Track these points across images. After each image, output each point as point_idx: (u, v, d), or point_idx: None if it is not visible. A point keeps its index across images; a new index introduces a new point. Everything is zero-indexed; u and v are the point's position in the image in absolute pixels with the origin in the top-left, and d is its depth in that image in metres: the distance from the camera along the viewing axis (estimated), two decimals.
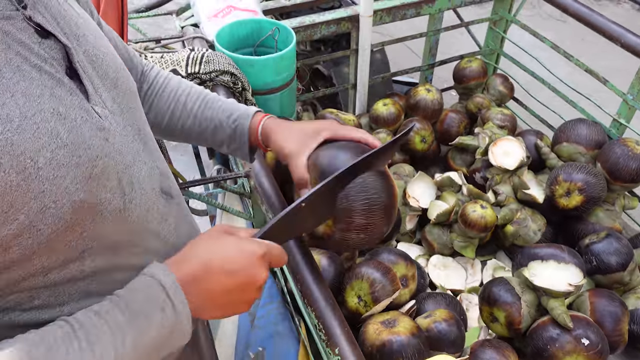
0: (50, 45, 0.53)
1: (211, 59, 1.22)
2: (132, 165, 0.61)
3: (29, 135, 0.47)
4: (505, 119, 1.55)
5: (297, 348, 1.11)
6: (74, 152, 0.51)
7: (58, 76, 0.53)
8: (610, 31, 1.35)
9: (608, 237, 1.20)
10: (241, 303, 0.63)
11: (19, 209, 0.47)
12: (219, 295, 0.60)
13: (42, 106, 0.49)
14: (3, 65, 0.48)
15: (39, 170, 0.48)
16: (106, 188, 0.56)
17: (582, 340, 0.96)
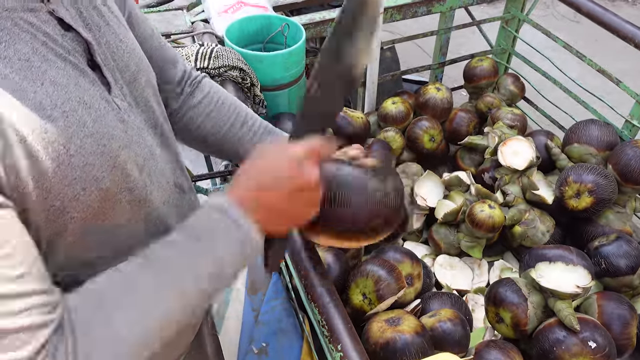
0: (72, 38, 0.54)
1: (220, 54, 1.22)
2: (149, 159, 0.63)
3: (60, 123, 0.49)
4: (515, 118, 1.53)
5: (301, 344, 1.11)
6: (99, 141, 0.53)
7: (81, 67, 0.54)
8: (624, 31, 1.33)
9: (618, 240, 1.18)
10: (304, 207, 0.62)
11: (55, 196, 0.49)
12: (277, 205, 0.59)
13: (69, 95, 0.51)
14: (31, 54, 0.49)
15: (71, 158, 0.49)
16: (129, 178, 0.58)
17: (589, 343, 0.95)
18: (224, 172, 1.19)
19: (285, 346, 1.10)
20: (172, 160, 0.70)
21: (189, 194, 0.75)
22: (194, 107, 0.85)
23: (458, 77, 1.90)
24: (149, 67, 0.68)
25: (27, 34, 0.49)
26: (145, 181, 0.61)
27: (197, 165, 2.51)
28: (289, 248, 0.85)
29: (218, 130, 0.86)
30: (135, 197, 0.59)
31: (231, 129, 0.86)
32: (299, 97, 0.79)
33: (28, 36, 0.49)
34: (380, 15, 1.48)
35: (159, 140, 0.66)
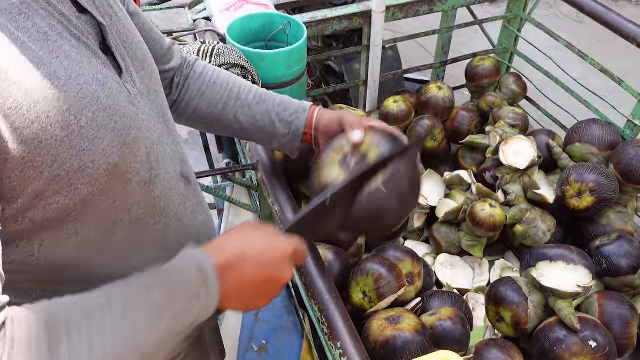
0: (86, 20, 0.56)
1: (222, 52, 1.23)
2: (158, 144, 0.64)
3: (74, 94, 0.49)
4: (517, 118, 1.53)
5: (301, 342, 1.11)
6: (111, 117, 0.53)
7: (94, 49, 0.55)
8: (627, 30, 1.33)
9: (619, 240, 1.18)
10: (263, 297, 0.63)
11: (61, 165, 0.49)
12: (247, 287, 0.59)
13: (83, 70, 0.51)
14: (48, 29, 0.50)
15: (82, 129, 0.50)
16: (137, 158, 0.58)
17: (590, 343, 0.95)
18: (224, 169, 1.19)
19: (285, 344, 1.10)
20: (177, 150, 0.71)
21: (194, 185, 0.77)
22: (189, 90, 0.87)
23: (460, 76, 1.89)
24: (152, 58, 0.69)
25: (45, 11, 0.50)
26: (152, 164, 0.62)
27: (198, 163, 2.51)
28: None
29: (213, 109, 0.87)
30: (142, 179, 0.60)
31: (225, 107, 0.87)
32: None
33: (45, 13, 0.50)
34: None
35: (165, 129, 0.67)
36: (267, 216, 1.28)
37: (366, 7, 1.53)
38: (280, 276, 0.61)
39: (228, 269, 0.57)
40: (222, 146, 1.81)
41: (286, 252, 0.61)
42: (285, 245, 0.62)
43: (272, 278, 0.61)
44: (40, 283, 0.58)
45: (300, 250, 0.65)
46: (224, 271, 0.57)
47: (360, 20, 1.54)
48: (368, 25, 1.55)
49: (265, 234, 0.62)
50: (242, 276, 0.58)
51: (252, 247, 0.60)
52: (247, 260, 0.59)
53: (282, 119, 0.86)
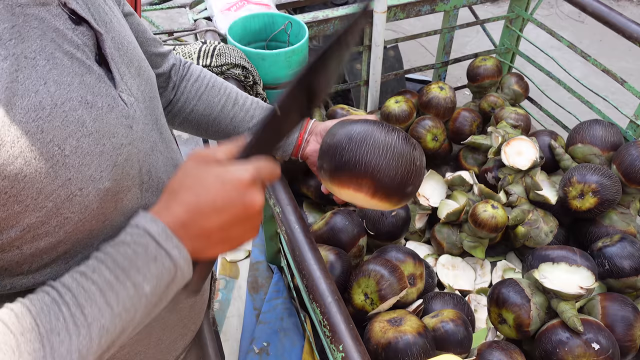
0: (82, 32, 0.54)
1: (223, 52, 1.22)
2: (150, 154, 0.62)
3: (58, 123, 0.48)
4: (519, 118, 1.53)
5: (302, 344, 1.10)
6: (98, 141, 0.52)
7: (88, 63, 0.54)
8: (630, 30, 1.32)
9: (622, 241, 1.18)
10: (244, 232, 0.58)
11: (47, 197, 0.48)
12: (216, 233, 0.55)
13: (71, 94, 0.50)
14: (38, 53, 0.48)
15: (66, 158, 0.49)
16: (129, 175, 0.57)
17: (593, 345, 0.95)
18: None
19: (286, 345, 1.10)
20: (171, 156, 0.70)
21: None
22: (186, 91, 0.87)
23: (462, 76, 1.89)
24: (147, 63, 0.68)
25: (37, 30, 0.49)
26: (143, 178, 0.60)
27: None
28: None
29: (210, 112, 0.87)
30: (134, 195, 0.58)
31: (223, 110, 0.87)
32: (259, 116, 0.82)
33: (37, 33, 0.49)
34: (384, 14, 1.47)
35: (158, 136, 0.66)
36: (267, 216, 1.27)
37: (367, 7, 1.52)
38: (250, 207, 0.55)
39: (183, 226, 0.53)
40: None
41: (243, 181, 0.55)
42: (240, 173, 0.55)
43: (241, 213, 0.55)
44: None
45: (263, 168, 0.58)
46: (179, 229, 0.53)
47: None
48: (369, 25, 1.55)
49: (215, 171, 0.55)
50: (204, 226, 0.54)
51: (203, 193, 0.54)
52: (202, 210, 0.53)
53: None
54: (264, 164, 0.58)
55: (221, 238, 0.56)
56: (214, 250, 0.57)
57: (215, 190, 0.54)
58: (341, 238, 1.16)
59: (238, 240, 0.58)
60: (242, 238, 0.58)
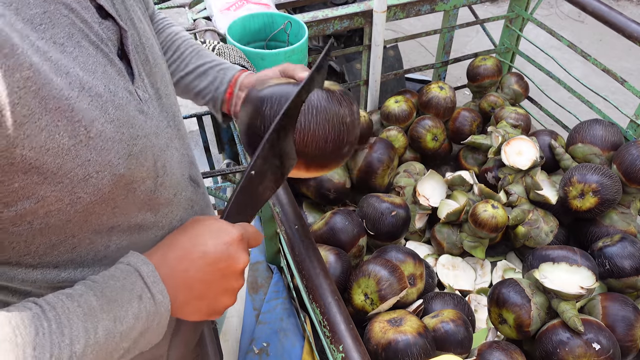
0: (108, 26, 0.56)
1: (222, 52, 1.22)
2: (166, 150, 0.63)
3: (85, 105, 0.50)
4: (519, 118, 1.52)
5: (302, 344, 1.10)
6: (118, 129, 0.54)
7: (111, 56, 0.56)
8: (630, 29, 1.32)
9: (622, 241, 1.17)
10: (223, 293, 0.61)
11: (65, 173, 0.49)
12: (198, 284, 0.58)
13: (96, 81, 0.52)
14: (66, 39, 0.50)
15: (89, 140, 0.50)
16: (143, 167, 0.58)
17: (593, 345, 0.94)
18: (225, 170, 1.18)
19: (286, 346, 1.09)
20: (186, 153, 0.71)
21: (202, 188, 0.77)
22: None
23: (461, 76, 1.89)
24: (163, 60, 0.69)
25: (67, 19, 0.51)
26: (158, 172, 0.62)
27: (198, 163, 2.50)
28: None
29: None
30: (147, 188, 0.60)
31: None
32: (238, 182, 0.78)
33: (67, 21, 0.51)
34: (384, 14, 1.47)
35: (175, 132, 0.68)
36: (267, 217, 1.27)
37: (367, 6, 1.52)
38: (234, 264, 0.59)
39: (171, 270, 0.57)
40: (222, 146, 1.81)
41: (233, 239, 0.59)
42: (231, 231, 0.60)
43: (225, 269, 0.59)
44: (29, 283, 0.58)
45: (250, 230, 0.63)
46: (167, 273, 0.56)
47: (362, 19, 1.53)
48: (369, 25, 1.55)
49: (208, 225, 0.61)
50: (189, 274, 0.57)
51: (194, 241, 0.59)
52: (192, 257, 0.58)
53: (210, 71, 0.87)
54: (250, 227, 0.63)
55: (201, 293, 0.58)
56: (192, 307, 0.59)
57: (206, 240, 0.59)
58: (341, 238, 1.16)
59: (216, 301, 0.60)
60: (220, 300, 0.61)
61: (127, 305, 0.53)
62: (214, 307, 0.61)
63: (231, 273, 0.60)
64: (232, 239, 0.59)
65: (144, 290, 0.54)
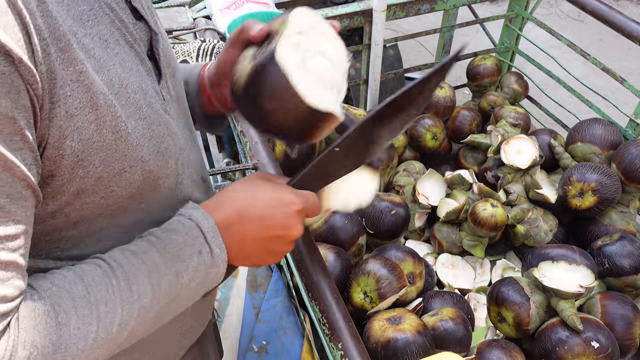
0: (141, 28, 0.58)
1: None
2: (184, 150, 0.65)
3: (123, 102, 0.51)
4: (518, 117, 1.53)
5: (302, 342, 1.10)
6: (149, 126, 0.55)
7: (142, 56, 0.58)
8: (629, 29, 1.32)
9: (621, 240, 1.18)
10: (271, 254, 0.63)
11: (105, 167, 0.51)
12: (250, 244, 0.60)
13: (131, 79, 0.54)
14: (109, 36, 0.52)
15: (128, 135, 0.52)
16: (167, 164, 0.60)
17: (592, 343, 0.94)
18: (225, 169, 1.18)
19: (285, 344, 1.10)
20: (199, 154, 0.73)
21: (211, 188, 0.78)
22: None
23: (461, 76, 1.89)
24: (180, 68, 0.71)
25: (108, 17, 0.52)
26: (178, 170, 0.63)
27: None
28: None
29: None
30: (170, 185, 0.62)
31: None
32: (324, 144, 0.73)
33: (108, 19, 0.52)
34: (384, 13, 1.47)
35: (189, 134, 0.69)
36: None
37: (367, 5, 1.52)
38: (289, 233, 0.61)
39: (229, 226, 0.59)
40: (222, 146, 1.81)
41: (293, 207, 0.61)
42: (293, 199, 0.61)
43: (280, 235, 0.61)
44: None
45: (312, 204, 0.64)
46: (224, 228, 0.58)
47: (361, 19, 1.53)
48: (369, 24, 1.55)
49: (271, 187, 0.62)
50: (244, 233, 0.59)
51: (255, 204, 0.60)
52: (249, 217, 0.59)
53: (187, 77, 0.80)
54: (313, 199, 0.64)
55: (251, 252, 0.61)
56: (239, 260, 0.62)
57: (267, 205, 0.60)
58: (340, 237, 1.16)
59: (261, 259, 0.63)
60: (266, 259, 0.63)
61: (188, 260, 0.56)
62: (258, 263, 0.64)
63: (284, 240, 0.62)
64: (292, 210, 0.61)
65: (203, 245, 0.57)
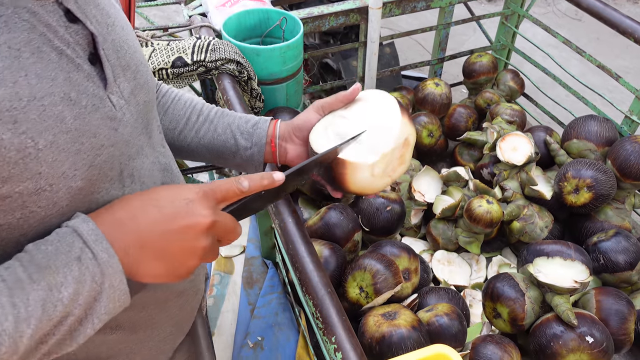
0: (76, 30, 0.53)
1: (217, 47, 1.22)
2: (135, 158, 0.61)
3: (34, 116, 0.47)
4: (514, 114, 1.53)
5: (297, 338, 1.10)
6: (76, 139, 0.51)
7: (78, 61, 0.53)
8: (624, 25, 1.32)
9: (616, 236, 1.18)
10: (185, 253, 0.54)
11: (13, 187, 0.47)
12: (152, 242, 0.52)
13: (53, 89, 0.49)
14: (23, 44, 0.48)
15: (39, 152, 0.48)
16: (107, 177, 0.56)
17: (587, 338, 0.95)
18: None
19: (280, 340, 1.09)
20: (159, 160, 0.68)
21: None
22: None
23: (458, 75, 1.89)
24: (147, 68, 0.68)
25: (27, 23, 0.48)
26: (124, 181, 0.59)
27: None
28: None
29: (176, 125, 0.85)
30: (111, 197, 0.57)
31: (188, 122, 0.85)
32: None
33: (26, 26, 0.48)
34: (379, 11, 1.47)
35: (147, 140, 0.65)
36: (262, 213, 1.27)
37: (363, 3, 1.52)
38: (194, 220, 0.54)
39: (120, 224, 0.52)
40: None
41: (193, 194, 0.54)
42: (191, 188, 0.55)
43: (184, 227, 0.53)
44: None
45: (225, 227, 0.57)
46: (115, 229, 0.51)
47: (357, 16, 1.53)
48: (365, 22, 1.55)
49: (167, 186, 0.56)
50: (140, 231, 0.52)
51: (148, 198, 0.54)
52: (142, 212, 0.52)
53: (243, 131, 0.84)
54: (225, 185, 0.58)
55: (157, 252, 0.53)
56: (148, 267, 0.54)
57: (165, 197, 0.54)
58: (336, 233, 1.16)
59: (176, 262, 0.55)
60: (182, 261, 0.55)
61: (65, 270, 0.48)
62: (175, 268, 0.55)
63: (192, 230, 0.54)
64: (193, 195, 0.55)
65: (83, 250, 0.49)
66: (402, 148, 0.77)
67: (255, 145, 0.84)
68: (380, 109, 0.78)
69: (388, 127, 0.76)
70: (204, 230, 0.55)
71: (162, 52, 1.21)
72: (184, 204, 0.54)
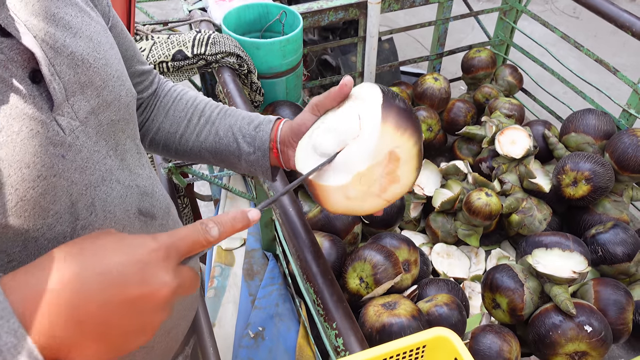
0: (10, 46, 0.47)
1: (217, 41, 1.22)
2: (98, 185, 0.54)
3: None
4: (512, 108, 1.53)
5: (297, 329, 1.11)
6: (1, 171, 0.44)
7: (11, 81, 0.46)
8: (621, 19, 1.33)
9: (614, 228, 1.19)
10: (135, 332, 0.42)
11: None
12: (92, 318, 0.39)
13: None
14: None
15: None
16: (47, 213, 0.48)
17: (585, 327, 0.95)
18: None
19: (281, 330, 1.10)
20: (137, 184, 0.61)
21: (162, 219, 0.66)
22: (155, 108, 0.80)
23: (457, 71, 1.90)
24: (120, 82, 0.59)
25: None
26: (79, 214, 0.51)
27: None
28: None
29: (176, 129, 0.79)
30: (58, 234, 0.49)
31: (189, 125, 0.79)
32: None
33: None
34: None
35: (117, 163, 0.58)
36: None
37: None
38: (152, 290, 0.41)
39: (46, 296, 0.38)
40: None
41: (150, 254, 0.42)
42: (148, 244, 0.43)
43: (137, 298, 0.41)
44: None
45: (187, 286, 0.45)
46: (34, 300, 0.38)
47: (356, 11, 1.54)
48: (364, 16, 1.55)
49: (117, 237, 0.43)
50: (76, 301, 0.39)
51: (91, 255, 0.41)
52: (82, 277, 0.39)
53: (245, 134, 0.76)
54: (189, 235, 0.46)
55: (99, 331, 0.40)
56: (86, 349, 0.40)
57: (113, 254, 0.41)
58: (336, 225, 1.16)
59: (122, 342, 0.42)
60: (129, 340, 0.42)
61: None
62: (121, 349, 0.42)
63: (148, 303, 0.41)
64: (149, 255, 0.42)
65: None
66: (387, 164, 0.62)
67: (259, 149, 0.76)
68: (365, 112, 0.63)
69: (365, 140, 0.61)
70: (163, 302, 0.42)
71: (163, 45, 1.22)
72: (138, 268, 0.41)
